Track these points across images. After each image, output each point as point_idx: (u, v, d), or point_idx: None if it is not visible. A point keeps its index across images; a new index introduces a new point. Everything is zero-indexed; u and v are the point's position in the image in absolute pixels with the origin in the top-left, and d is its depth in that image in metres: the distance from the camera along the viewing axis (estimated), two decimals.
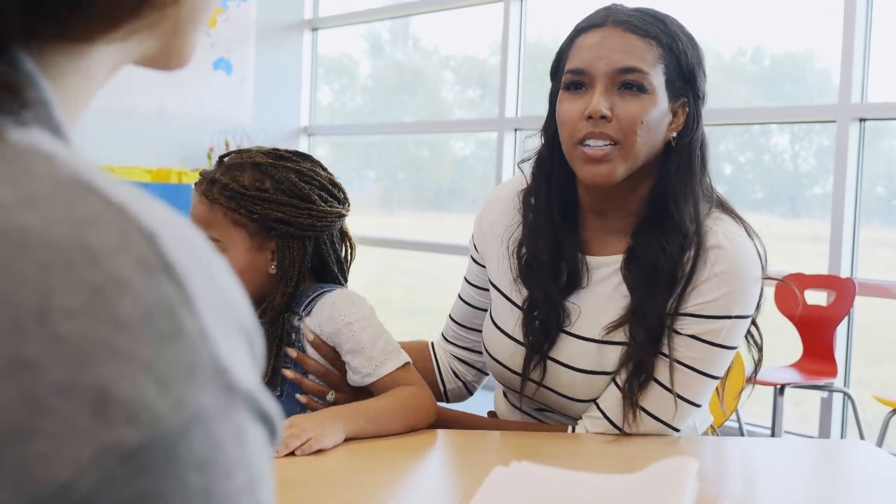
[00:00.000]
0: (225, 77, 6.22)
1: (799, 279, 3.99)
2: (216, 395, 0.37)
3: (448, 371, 1.77)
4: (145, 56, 0.49)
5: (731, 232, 1.48)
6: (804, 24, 5.05)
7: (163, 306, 0.36)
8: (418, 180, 7.05)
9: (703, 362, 1.47)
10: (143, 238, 0.37)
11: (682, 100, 1.50)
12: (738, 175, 5.53)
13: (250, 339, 0.41)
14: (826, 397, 4.11)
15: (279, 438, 0.41)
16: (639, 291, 1.49)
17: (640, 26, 1.47)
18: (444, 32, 6.66)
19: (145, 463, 0.34)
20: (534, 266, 1.55)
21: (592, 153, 1.46)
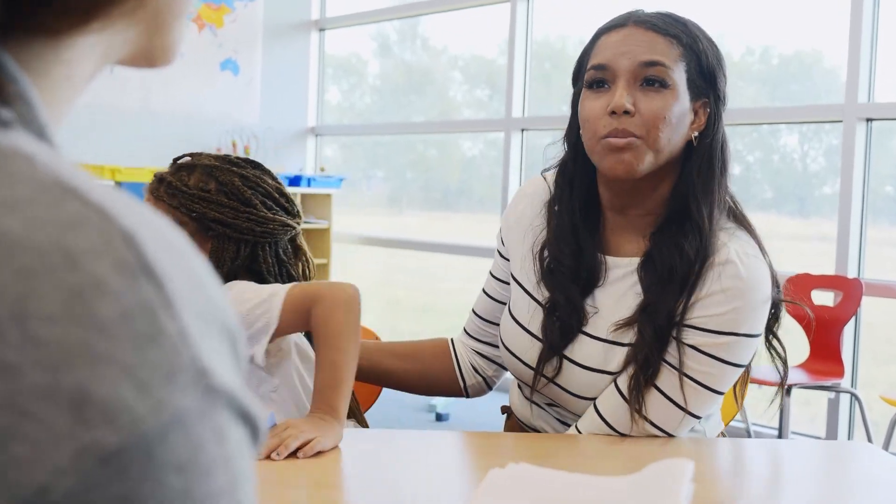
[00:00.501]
0: (232, 78, 6.23)
1: (806, 279, 3.98)
2: (196, 396, 0.37)
3: (468, 366, 1.77)
4: (130, 53, 0.49)
5: (744, 251, 1.48)
6: (812, 24, 5.03)
7: (142, 308, 0.36)
8: (426, 180, 7.05)
9: (706, 375, 1.47)
10: (123, 240, 0.37)
11: (704, 100, 1.51)
12: (747, 175, 5.51)
13: (233, 340, 0.41)
14: (833, 398, 4.09)
15: (262, 439, 0.42)
16: (652, 291, 1.49)
17: (661, 26, 1.49)
18: (453, 32, 6.66)
19: (125, 465, 0.34)
20: (556, 270, 1.57)
21: (616, 142, 1.47)
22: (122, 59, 0.49)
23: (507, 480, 1.16)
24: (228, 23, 6.19)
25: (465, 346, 1.79)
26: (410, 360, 1.75)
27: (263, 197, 1.61)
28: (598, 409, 1.51)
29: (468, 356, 1.78)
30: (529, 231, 1.64)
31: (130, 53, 0.49)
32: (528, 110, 5.42)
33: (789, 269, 4.10)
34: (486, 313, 1.76)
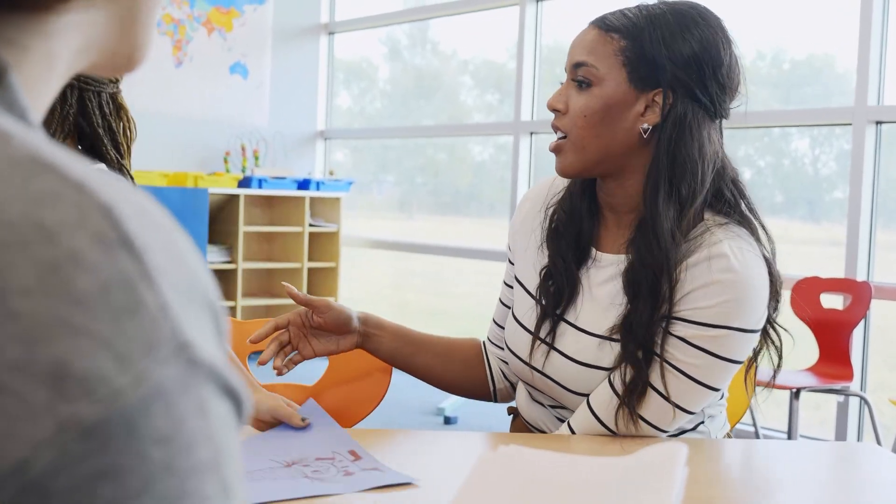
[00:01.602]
0: (241, 81, 6.24)
1: (815, 283, 3.97)
2: (178, 369, 0.37)
3: (497, 371, 1.78)
4: (106, 47, 0.49)
5: (738, 246, 1.45)
6: (824, 28, 5.02)
7: (121, 281, 0.36)
8: (436, 184, 7.05)
9: (697, 369, 1.45)
10: (101, 213, 0.37)
11: (656, 91, 1.48)
12: (758, 179, 5.50)
13: (215, 314, 0.41)
14: (842, 401, 4.08)
15: (246, 413, 0.41)
16: (629, 303, 1.49)
17: (608, 22, 1.51)
18: (463, 37, 6.66)
19: (105, 439, 0.34)
20: (561, 231, 1.60)
21: (550, 145, 1.55)
22: (97, 56, 0.49)
23: (498, 463, 1.16)
24: (238, 26, 6.20)
25: (491, 352, 1.80)
26: (448, 359, 1.75)
27: None
28: (590, 405, 1.51)
29: (495, 361, 1.79)
30: (532, 233, 1.65)
31: (106, 47, 0.49)
32: (538, 114, 5.42)
33: (799, 272, 4.09)
34: (502, 320, 1.77)
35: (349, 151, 7.15)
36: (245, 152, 6.18)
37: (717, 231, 1.47)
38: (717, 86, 1.49)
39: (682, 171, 1.47)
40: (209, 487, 0.37)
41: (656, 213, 1.46)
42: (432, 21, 6.62)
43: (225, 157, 6.12)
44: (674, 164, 1.47)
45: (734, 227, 1.49)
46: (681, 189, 1.46)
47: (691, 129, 1.48)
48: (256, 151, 6.20)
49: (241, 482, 0.40)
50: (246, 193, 5.85)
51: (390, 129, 6.84)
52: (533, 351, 1.59)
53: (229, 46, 6.18)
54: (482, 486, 1.11)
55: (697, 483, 1.34)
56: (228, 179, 5.83)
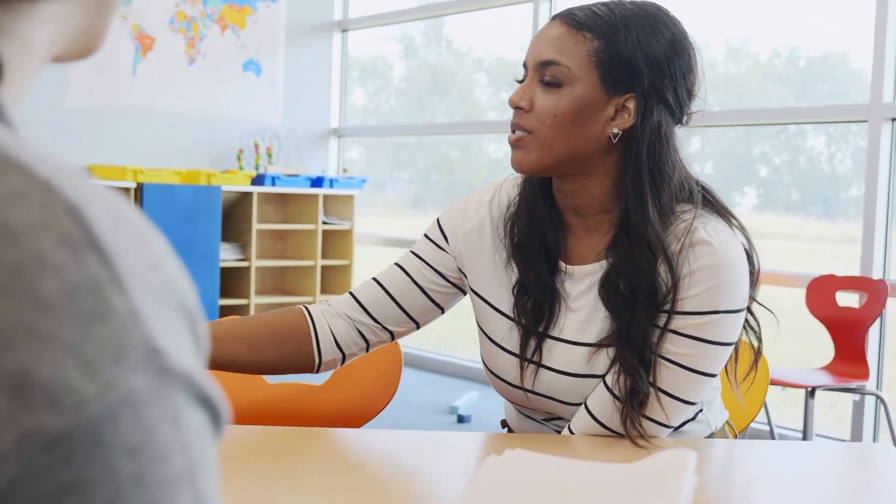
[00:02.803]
0: (254, 78, 6.24)
1: (830, 281, 3.94)
2: (148, 377, 0.35)
3: (329, 340, 1.59)
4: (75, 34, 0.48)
5: (713, 228, 1.45)
6: (839, 25, 4.99)
7: (88, 285, 0.35)
8: (450, 182, 7.05)
9: (691, 358, 1.44)
10: (68, 214, 0.35)
11: (629, 95, 1.45)
12: (774, 177, 5.48)
13: (191, 320, 0.39)
14: (858, 400, 4.05)
15: (224, 423, 0.40)
16: (619, 314, 1.46)
17: (579, 19, 1.46)
18: (478, 34, 6.65)
19: (70, 450, 0.33)
20: (527, 244, 1.53)
21: (511, 137, 1.48)
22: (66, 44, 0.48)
23: (503, 467, 1.15)
24: (251, 24, 6.20)
25: (332, 317, 1.60)
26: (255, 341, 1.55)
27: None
28: (589, 409, 1.49)
29: (334, 328, 1.60)
30: (493, 251, 1.57)
31: (75, 36, 0.48)
32: None
33: (814, 270, 4.06)
34: (395, 289, 1.60)
35: (364, 149, 7.15)
36: (258, 150, 6.19)
37: (689, 219, 1.46)
38: (686, 92, 1.48)
39: (662, 177, 1.45)
40: (182, 500, 0.36)
41: (647, 221, 1.43)
42: (447, 18, 6.61)
43: (238, 155, 6.12)
44: (654, 172, 1.45)
45: (703, 213, 1.48)
46: (662, 194, 1.45)
47: (667, 137, 1.46)
48: (270, 149, 6.21)
49: (217, 494, 0.39)
50: (259, 191, 5.86)
51: (404, 127, 6.84)
52: (523, 373, 1.54)
53: (242, 44, 6.18)
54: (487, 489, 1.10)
55: (710, 484, 1.33)
56: (242, 177, 5.84)
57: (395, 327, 1.61)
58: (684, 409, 1.47)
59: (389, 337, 1.62)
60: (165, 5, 5.86)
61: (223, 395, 0.40)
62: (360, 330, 1.60)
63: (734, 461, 1.50)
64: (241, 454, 1.33)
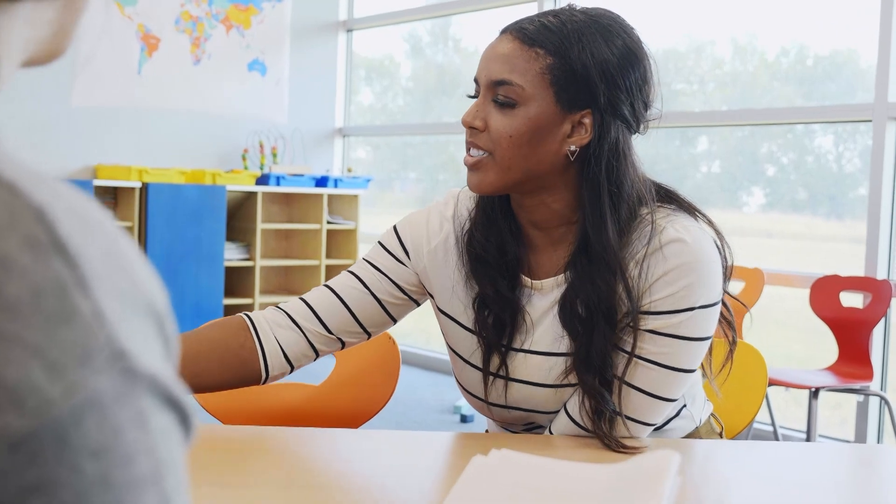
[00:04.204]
0: (260, 78, 6.25)
1: (834, 281, 3.93)
2: (113, 378, 0.35)
3: (277, 355, 1.54)
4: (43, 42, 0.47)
5: (682, 225, 1.43)
6: (848, 23, 4.98)
7: (53, 286, 0.35)
8: (458, 182, 7.05)
9: (669, 356, 1.43)
10: (33, 215, 0.35)
11: (585, 111, 1.42)
12: (781, 176, 5.46)
13: (160, 321, 0.39)
14: (862, 401, 4.04)
15: (194, 426, 0.40)
16: (577, 336, 1.45)
17: (529, 34, 1.41)
18: (484, 33, 6.65)
19: (35, 451, 0.33)
20: (485, 258, 1.50)
21: (468, 160, 1.45)
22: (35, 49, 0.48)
23: (490, 467, 1.15)
24: (256, 24, 6.21)
25: (282, 328, 1.55)
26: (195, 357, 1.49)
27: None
28: (569, 413, 1.48)
29: (281, 338, 1.54)
30: (454, 267, 1.55)
31: (45, 40, 0.48)
32: None
33: (821, 270, 4.05)
34: (348, 298, 1.56)
35: (371, 149, 7.16)
36: (263, 149, 6.19)
37: (657, 220, 1.44)
38: (643, 104, 1.45)
39: (620, 194, 1.43)
40: (148, 501, 0.36)
41: (605, 240, 1.41)
42: (453, 18, 6.60)
43: (243, 155, 6.13)
44: (611, 191, 1.42)
45: (670, 212, 1.46)
46: (621, 210, 1.43)
47: (624, 151, 1.43)
48: (275, 149, 6.21)
49: (185, 496, 0.39)
50: (264, 191, 5.86)
51: (408, 126, 6.84)
52: (487, 387, 1.53)
53: (247, 44, 6.19)
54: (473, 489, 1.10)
55: (710, 487, 1.33)
56: (246, 177, 5.85)
57: (348, 338, 1.57)
58: (665, 406, 1.46)
59: (340, 346, 1.58)
60: (171, 5, 5.86)
61: (192, 398, 0.40)
62: (310, 339, 1.55)
63: (738, 462, 1.49)
64: (238, 455, 1.33)
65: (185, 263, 5.40)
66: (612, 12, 1.46)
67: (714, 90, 5.45)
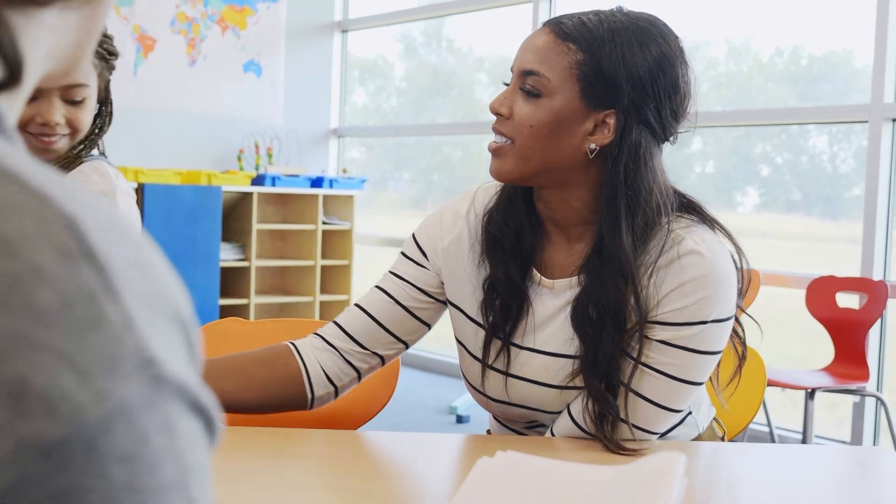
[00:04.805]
0: (255, 79, 6.25)
1: (830, 282, 3.94)
2: (142, 385, 0.36)
3: (319, 375, 1.57)
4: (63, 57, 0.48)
5: (701, 237, 1.43)
6: (843, 24, 4.99)
7: (83, 294, 0.35)
8: (452, 182, 7.05)
9: (679, 368, 1.43)
10: (64, 225, 0.36)
11: (609, 110, 1.42)
12: (775, 176, 5.47)
13: (185, 328, 0.40)
14: (858, 401, 4.05)
15: (218, 430, 0.40)
16: (586, 338, 1.45)
17: (565, 29, 1.42)
18: (478, 34, 6.66)
19: (66, 457, 0.33)
20: (501, 242, 1.51)
21: (491, 145, 1.47)
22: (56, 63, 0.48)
23: (496, 469, 1.15)
24: (251, 24, 6.21)
25: (320, 351, 1.59)
26: (245, 376, 1.54)
27: None
28: (572, 416, 1.48)
29: (322, 361, 1.58)
30: (469, 254, 1.56)
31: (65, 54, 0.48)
32: None
33: (816, 271, 4.06)
34: (379, 313, 1.59)
35: (365, 149, 7.16)
36: (259, 150, 6.19)
37: (677, 230, 1.44)
38: (671, 112, 1.44)
39: (638, 199, 1.42)
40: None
41: (620, 244, 1.41)
42: (447, 18, 6.61)
43: (238, 156, 6.13)
44: (629, 196, 1.42)
45: (691, 223, 1.47)
46: (637, 216, 1.42)
47: (646, 157, 1.43)
48: (270, 149, 6.21)
49: (209, 500, 0.39)
50: (259, 191, 5.86)
51: (404, 127, 6.84)
52: (484, 377, 1.53)
53: (243, 45, 6.19)
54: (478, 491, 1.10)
55: (708, 489, 1.33)
56: (242, 177, 5.84)
57: (384, 351, 1.59)
58: (670, 417, 1.46)
59: (380, 361, 1.60)
60: (166, 6, 5.86)
61: (217, 403, 0.40)
62: (349, 359, 1.58)
63: (734, 465, 1.50)
64: (238, 456, 1.33)
65: (181, 264, 5.39)
66: (656, 19, 1.46)
67: (709, 90, 5.46)
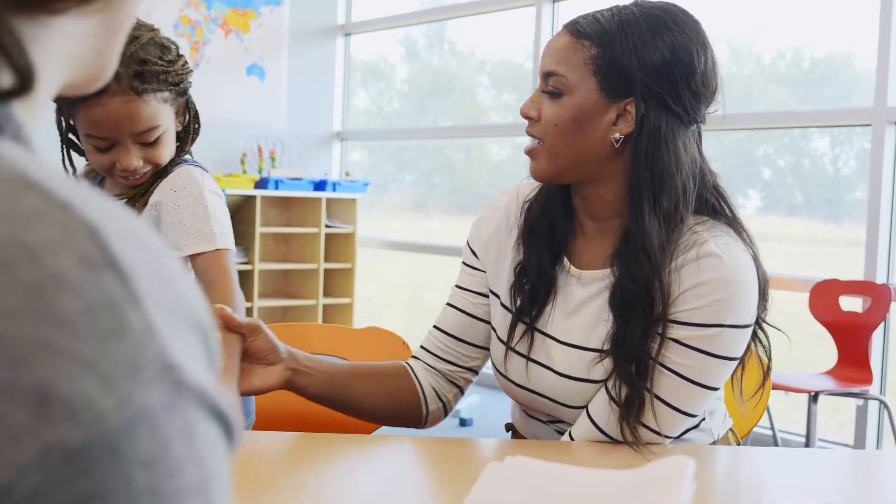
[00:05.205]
0: (258, 83, 6.26)
1: (833, 285, 3.94)
2: (163, 391, 0.36)
3: (431, 392, 1.66)
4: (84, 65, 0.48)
5: (724, 242, 1.45)
6: (845, 26, 4.99)
7: (106, 302, 0.36)
8: (454, 185, 7.06)
9: (693, 370, 1.44)
10: (86, 234, 0.36)
11: (628, 99, 1.46)
12: (777, 179, 5.48)
13: (204, 335, 0.40)
14: (861, 405, 4.05)
15: (237, 436, 0.41)
16: (618, 321, 1.47)
17: (580, 27, 1.48)
18: (480, 37, 6.66)
19: (89, 462, 0.34)
20: (536, 230, 1.57)
21: (526, 148, 1.54)
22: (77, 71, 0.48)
23: (505, 474, 1.15)
24: (254, 28, 6.22)
25: (424, 370, 1.67)
26: (376, 385, 1.62)
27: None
28: (590, 416, 1.49)
29: (429, 380, 1.67)
30: (508, 245, 1.62)
31: (86, 62, 0.48)
32: None
33: (818, 274, 4.06)
34: (454, 329, 1.67)
35: (367, 152, 7.16)
36: (262, 153, 6.20)
37: (701, 231, 1.46)
38: (690, 94, 1.46)
39: (662, 183, 1.45)
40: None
41: (643, 228, 1.44)
42: (449, 21, 6.62)
43: (241, 159, 6.13)
44: (653, 178, 1.45)
45: (717, 225, 1.49)
46: (662, 201, 1.45)
47: (666, 140, 1.45)
48: (273, 152, 6.22)
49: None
50: (262, 194, 5.87)
51: (407, 130, 6.85)
52: (506, 360, 1.58)
53: (246, 48, 6.19)
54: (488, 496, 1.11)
55: (710, 493, 1.33)
56: (245, 180, 5.85)
57: (470, 362, 1.68)
58: (683, 420, 1.47)
59: (472, 372, 1.69)
60: (169, 9, 5.87)
61: (236, 409, 0.40)
62: (445, 375, 1.68)
63: (737, 468, 1.50)
64: (249, 460, 1.33)
65: None
66: (672, 6, 1.50)
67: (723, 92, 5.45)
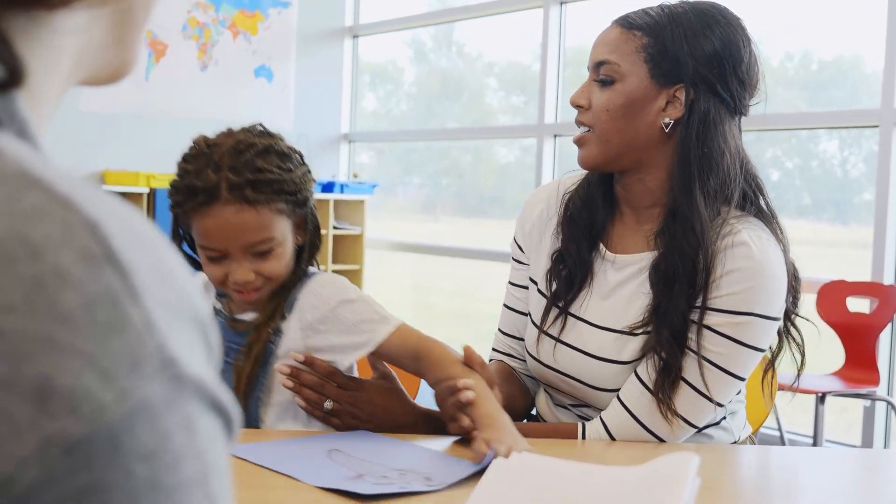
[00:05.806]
0: (266, 84, 6.26)
1: (841, 286, 3.93)
2: (163, 385, 0.37)
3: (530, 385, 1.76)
4: (100, 59, 0.48)
5: (756, 234, 1.49)
6: (852, 28, 4.98)
7: (106, 297, 0.36)
8: (461, 187, 7.05)
9: (724, 357, 1.47)
10: (87, 229, 0.37)
11: (678, 86, 1.52)
12: (786, 181, 5.46)
13: (203, 330, 0.41)
14: (869, 406, 4.04)
15: (236, 430, 0.41)
16: (660, 292, 1.50)
17: (630, 19, 1.54)
18: (488, 39, 6.66)
19: (89, 455, 0.34)
20: (576, 220, 1.61)
21: (575, 137, 1.58)
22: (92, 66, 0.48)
23: (511, 469, 1.16)
24: (262, 30, 6.22)
25: None
26: (516, 384, 1.74)
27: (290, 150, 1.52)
28: (622, 401, 1.51)
29: None
30: (548, 234, 1.67)
31: (102, 56, 0.48)
32: (562, 116, 5.40)
33: (826, 275, 4.05)
34: (513, 329, 1.75)
35: (374, 154, 7.16)
36: None
37: (735, 222, 1.50)
38: (738, 82, 1.53)
39: (709, 163, 1.50)
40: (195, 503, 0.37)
41: (693, 204, 1.48)
42: (457, 24, 6.61)
43: None
44: (701, 158, 1.50)
45: (751, 218, 1.53)
46: (709, 180, 1.50)
47: (715, 123, 1.51)
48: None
49: (229, 497, 0.40)
50: None
51: (415, 132, 6.84)
52: (538, 343, 1.62)
53: (254, 50, 6.20)
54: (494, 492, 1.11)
55: (718, 490, 1.33)
56: None
57: None
58: (709, 407, 1.49)
59: None
60: (178, 11, 5.88)
61: (234, 402, 0.41)
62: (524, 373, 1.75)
63: (745, 466, 1.50)
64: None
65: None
66: (718, 4, 1.57)
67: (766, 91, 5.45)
